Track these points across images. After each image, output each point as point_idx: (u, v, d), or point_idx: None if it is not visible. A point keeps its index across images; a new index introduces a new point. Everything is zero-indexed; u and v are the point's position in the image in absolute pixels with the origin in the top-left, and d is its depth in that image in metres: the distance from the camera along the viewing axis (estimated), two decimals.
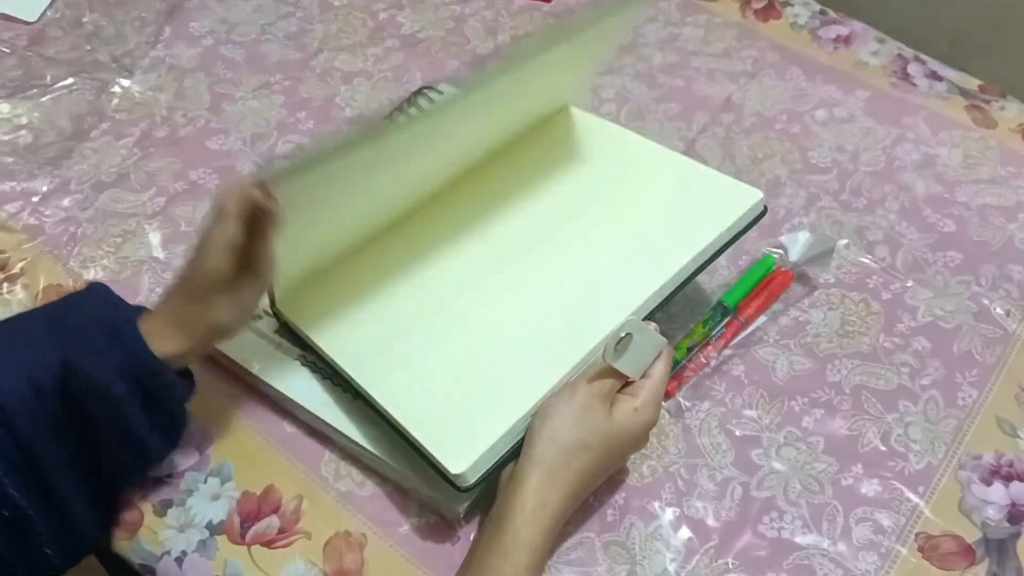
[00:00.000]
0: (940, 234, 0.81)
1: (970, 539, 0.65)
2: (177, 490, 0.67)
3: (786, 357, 0.74)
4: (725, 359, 0.73)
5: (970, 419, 0.70)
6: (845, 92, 0.93)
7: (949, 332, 0.75)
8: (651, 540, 0.65)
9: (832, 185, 0.85)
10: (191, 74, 0.95)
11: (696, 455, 0.69)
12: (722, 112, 0.91)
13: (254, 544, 0.65)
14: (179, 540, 0.65)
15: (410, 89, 0.92)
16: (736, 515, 0.66)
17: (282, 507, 0.66)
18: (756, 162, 0.87)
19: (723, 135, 0.89)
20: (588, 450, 0.59)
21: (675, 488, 0.67)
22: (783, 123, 0.90)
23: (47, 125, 0.91)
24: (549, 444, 0.59)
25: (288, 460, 0.68)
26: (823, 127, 0.90)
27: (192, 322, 0.59)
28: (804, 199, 0.84)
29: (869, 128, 0.90)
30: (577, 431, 0.59)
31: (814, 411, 0.71)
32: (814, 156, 0.87)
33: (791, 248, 0.78)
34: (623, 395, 0.62)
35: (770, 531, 0.65)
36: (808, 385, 0.72)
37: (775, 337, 0.75)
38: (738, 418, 0.71)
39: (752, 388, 0.72)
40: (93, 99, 0.93)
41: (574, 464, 0.59)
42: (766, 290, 0.76)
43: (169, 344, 0.58)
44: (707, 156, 0.87)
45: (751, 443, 0.69)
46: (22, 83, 0.94)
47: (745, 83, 0.94)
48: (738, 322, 0.74)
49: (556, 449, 0.59)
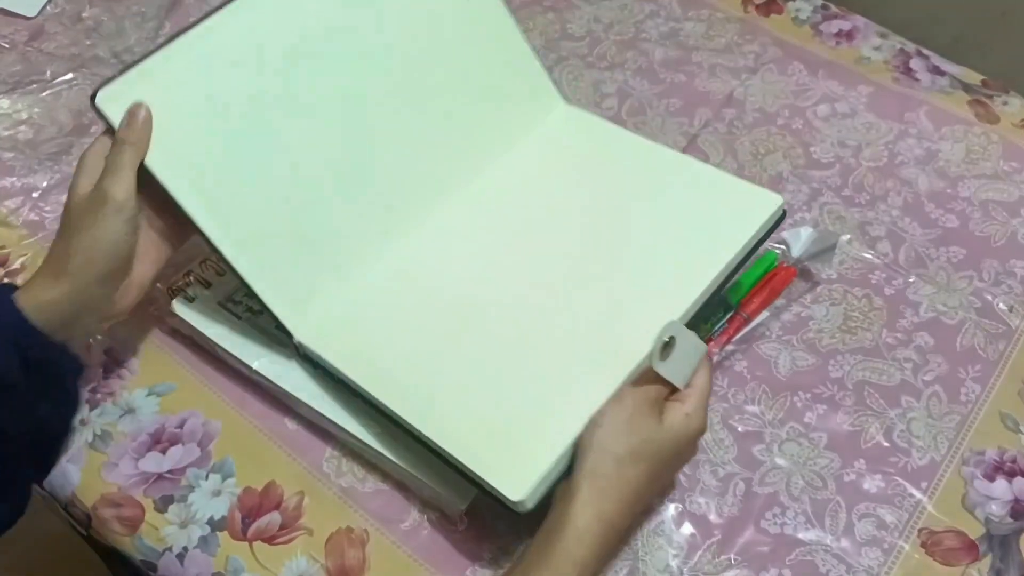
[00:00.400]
0: (943, 229, 0.81)
1: (973, 535, 0.65)
2: (178, 486, 0.67)
3: (788, 353, 0.74)
4: (727, 355, 0.73)
5: (973, 415, 0.70)
6: (847, 87, 0.92)
7: (952, 328, 0.75)
8: (653, 536, 0.65)
9: (834, 181, 0.85)
10: None
11: (699, 451, 0.68)
12: (724, 108, 0.91)
13: (256, 540, 0.65)
14: (180, 536, 0.65)
15: None
16: (739, 511, 0.66)
17: (283, 503, 0.66)
18: (758, 158, 0.87)
19: (725, 131, 0.89)
20: (641, 459, 0.57)
21: (677, 484, 0.67)
22: (785, 118, 0.90)
23: (47, 120, 0.90)
24: (601, 455, 0.57)
25: (289, 456, 0.68)
26: (825, 123, 0.90)
27: (72, 254, 0.60)
28: (806, 195, 0.84)
29: (871, 123, 0.89)
30: (628, 440, 0.57)
31: (817, 407, 0.71)
32: (816, 152, 0.87)
33: (793, 244, 0.78)
34: (672, 402, 0.60)
35: (773, 527, 0.65)
36: (811, 381, 0.72)
37: (777, 333, 0.75)
38: (740, 414, 0.71)
39: (754, 384, 0.72)
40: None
41: (628, 474, 0.57)
42: (768, 286, 0.76)
43: (47, 290, 0.59)
44: (709, 152, 0.87)
45: (753, 439, 0.69)
46: (22, 78, 0.94)
47: (747, 78, 0.93)
48: (740, 318, 0.74)
49: (608, 460, 0.57)
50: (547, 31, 0.98)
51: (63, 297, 0.59)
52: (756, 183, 0.73)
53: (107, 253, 0.60)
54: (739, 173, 0.85)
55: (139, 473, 0.68)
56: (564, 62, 0.95)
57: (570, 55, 0.96)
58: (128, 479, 0.67)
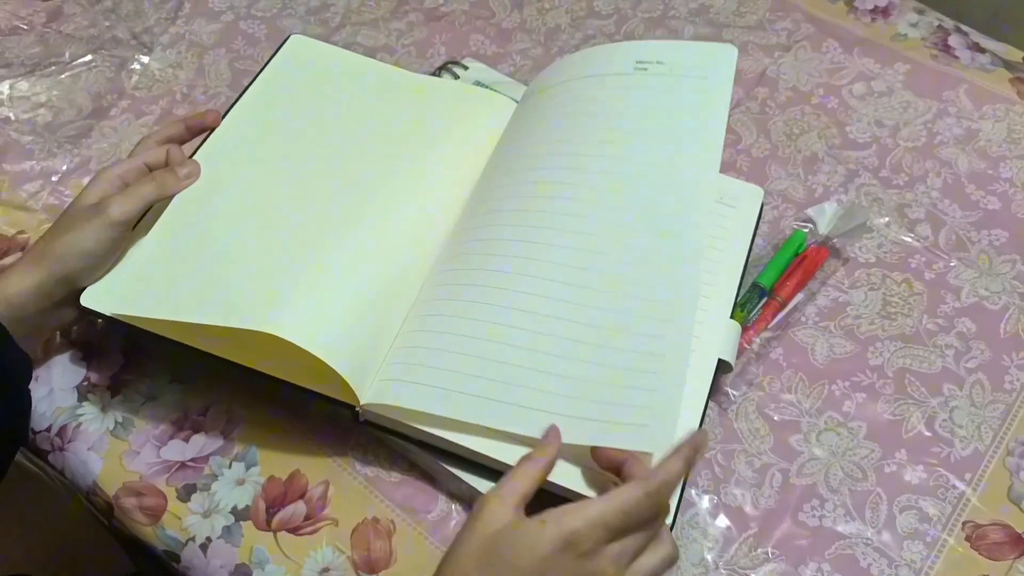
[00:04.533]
0: (984, 212, 0.78)
1: (1020, 528, 0.62)
2: (201, 475, 0.66)
3: (826, 339, 0.71)
4: (763, 342, 0.71)
5: (1018, 403, 0.68)
6: (883, 65, 0.89)
7: (995, 313, 0.72)
8: (688, 528, 0.63)
9: (871, 161, 0.82)
10: (211, 50, 0.93)
11: (733, 440, 0.67)
12: (757, 86, 0.88)
13: (280, 531, 0.63)
14: (203, 526, 0.64)
15: (434, 64, 0.90)
16: (775, 503, 0.64)
17: (308, 493, 0.65)
18: (792, 138, 0.84)
19: (758, 110, 0.86)
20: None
21: (712, 475, 0.65)
22: (820, 97, 0.87)
23: (66, 103, 0.89)
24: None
25: (314, 445, 0.67)
26: (861, 101, 0.87)
27: (49, 251, 0.62)
28: (843, 176, 0.81)
29: (909, 102, 0.87)
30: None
31: (855, 395, 0.69)
32: (852, 131, 0.84)
33: (819, 220, 0.76)
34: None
35: (811, 519, 0.63)
36: (849, 368, 0.70)
37: (814, 319, 0.72)
38: (776, 402, 0.68)
39: (791, 372, 0.70)
40: (112, 76, 0.91)
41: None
42: (801, 267, 0.74)
43: (21, 279, 0.61)
44: (741, 132, 0.84)
45: (790, 428, 0.67)
46: (40, 61, 0.92)
47: (780, 56, 0.91)
48: (776, 303, 0.72)
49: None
50: (573, 9, 0.95)
51: (30, 289, 0.61)
52: (790, 164, 0.71)
53: (80, 255, 0.62)
54: (772, 154, 0.83)
55: (161, 461, 0.66)
56: (591, 40, 0.93)
57: (597, 33, 0.93)
58: (150, 467, 0.66)
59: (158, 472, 0.66)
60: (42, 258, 0.62)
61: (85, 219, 0.63)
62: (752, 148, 0.83)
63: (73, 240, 0.62)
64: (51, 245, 0.62)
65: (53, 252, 0.62)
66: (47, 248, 0.62)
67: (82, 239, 0.62)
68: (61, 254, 0.62)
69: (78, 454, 0.67)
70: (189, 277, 0.64)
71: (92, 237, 0.62)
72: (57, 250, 0.62)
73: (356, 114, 0.77)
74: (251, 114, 0.76)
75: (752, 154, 0.83)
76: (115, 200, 0.64)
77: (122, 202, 0.64)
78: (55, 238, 0.63)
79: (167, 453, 0.67)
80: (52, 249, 0.62)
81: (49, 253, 0.62)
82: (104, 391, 0.70)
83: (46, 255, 0.62)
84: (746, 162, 0.82)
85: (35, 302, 0.62)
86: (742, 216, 0.73)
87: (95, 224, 0.62)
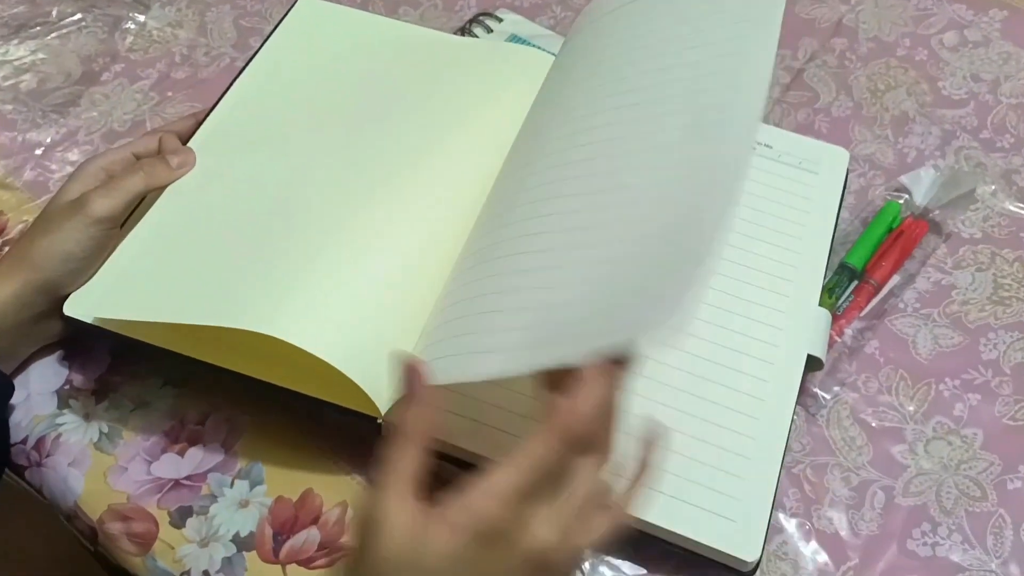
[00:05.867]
0: None
1: None
2: (198, 495, 0.57)
3: (929, 329, 0.62)
4: (856, 333, 0.61)
5: None
6: (977, 11, 0.80)
7: None
8: (775, 560, 0.54)
9: (970, 121, 0.72)
10: (214, 7, 0.85)
11: (825, 452, 0.58)
12: (833, 37, 0.78)
13: (289, 563, 0.55)
14: (200, 557, 0.55)
15: (464, 17, 0.81)
16: (878, 527, 0.55)
17: (323, 517, 0.56)
18: (877, 95, 0.74)
19: (836, 64, 0.76)
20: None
21: (801, 494, 0.56)
22: (906, 49, 0.77)
23: (53, 68, 0.81)
24: None
25: (330, 459, 0.58)
26: (954, 53, 0.77)
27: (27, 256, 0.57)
28: (938, 138, 0.71)
29: (1009, 53, 0.77)
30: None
31: (968, 396, 0.60)
32: (946, 87, 0.74)
33: (915, 190, 0.67)
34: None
35: (922, 548, 0.54)
36: (959, 364, 0.61)
37: (914, 306, 0.63)
38: (874, 406, 0.59)
39: (889, 369, 0.61)
40: (104, 37, 0.83)
41: None
42: (897, 244, 0.64)
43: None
44: (819, 88, 0.75)
45: (892, 437, 0.58)
46: (25, 21, 0.84)
47: (858, 3, 0.81)
48: (869, 286, 0.62)
49: None
50: None
51: (6, 300, 0.56)
52: (876, 125, 0.61)
53: (60, 258, 0.57)
54: (855, 113, 0.73)
55: (152, 479, 0.58)
56: None
57: None
58: (139, 486, 0.58)
59: (148, 492, 0.57)
60: (19, 264, 0.57)
61: (64, 217, 0.58)
62: (832, 107, 0.73)
63: (51, 242, 0.57)
64: (28, 249, 0.57)
65: (30, 257, 0.57)
66: (24, 253, 0.58)
67: (61, 240, 0.57)
68: (39, 259, 0.57)
69: (57, 470, 0.59)
70: (182, 276, 0.58)
71: (72, 237, 0.57)
72: (34, 255, 0.57)
73: (372, 87, 0.69)
74: (253, 93, 0.69)
75: (832, 113, 0.73)
76: (97, 194, 0.58)
77: (105, 196, 0.58)
78: (32, 241, 0.58)
79: (159, 469, 0.58)
80: (29, 254, 0.57)
81: (26, 258, 0.57)
82: (88, 396, 0.61)
83: (23, 261, 0.57)
84: (825, 123, 0.73)
85: (13, 314, 0.57)
86: (825, 183, 0.64)
87: (75, 222, 0.57)
